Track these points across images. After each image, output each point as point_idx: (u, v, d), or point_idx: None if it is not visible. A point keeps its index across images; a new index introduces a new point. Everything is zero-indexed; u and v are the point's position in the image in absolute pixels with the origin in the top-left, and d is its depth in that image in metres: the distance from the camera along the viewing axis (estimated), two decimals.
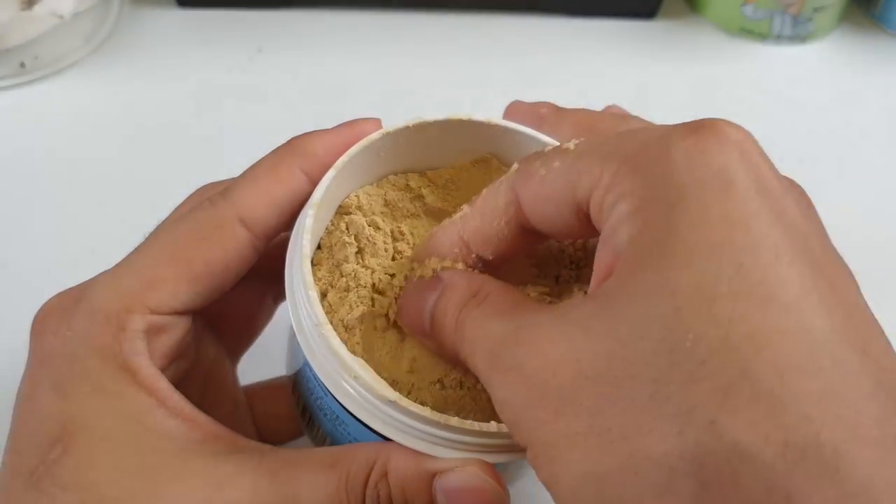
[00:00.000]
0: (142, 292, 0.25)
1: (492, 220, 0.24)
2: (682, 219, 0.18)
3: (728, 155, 0.19)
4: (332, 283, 0.26)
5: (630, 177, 0.20)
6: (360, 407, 0.23)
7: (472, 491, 0.23)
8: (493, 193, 0.24)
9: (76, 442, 0.23)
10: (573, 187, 0.21)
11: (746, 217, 0.18)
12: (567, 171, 0.22)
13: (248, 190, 0.26)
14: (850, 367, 0.17)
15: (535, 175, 0.22)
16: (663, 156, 0.19)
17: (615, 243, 0.20)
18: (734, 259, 0.18)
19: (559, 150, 0.22)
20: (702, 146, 0.19)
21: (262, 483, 0.23)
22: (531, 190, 0.23)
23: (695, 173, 0.19)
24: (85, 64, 0.53)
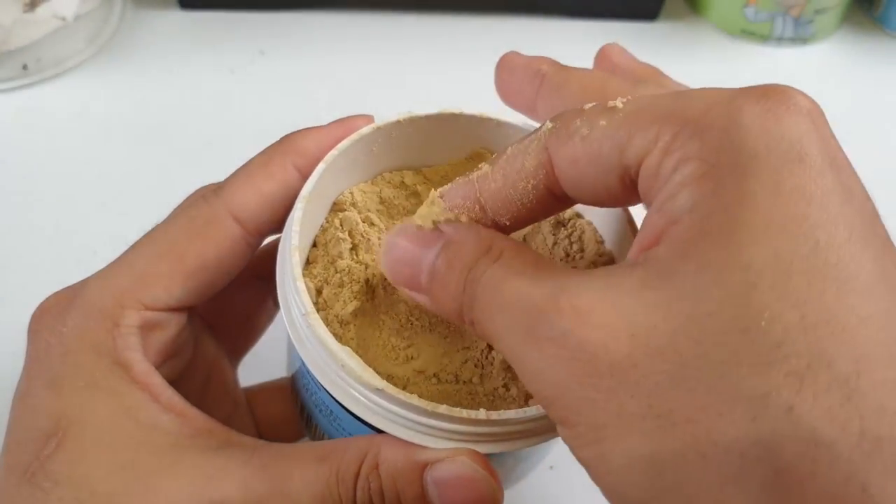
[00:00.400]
0: (135, 288, 0.25)
1: (516, 183, 0.22)
2: (755, 189, 0.17)
3: (800, 125, 0.18)
4: (327, 280, 0.26)
5: (694, 140, 0.18)
6: (349, 397, 0.23)
7: (461, 480, 0.22)
8: (520, 153, 0.22)
9: (70, 437, 0.23)
10: (622, 149, 0.20)
11: (821, 192, 0.17)
12: (615, 131, 0.20)
13: (240, 186, 0.27)
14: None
15: (574, 135, 0.21)
16: (732, 120, 0.18)
17: (673, 208, 0.18)
18: (810, 236, 0.17)
19: (603, 108, 0.21)
20: (774, 113, 0.18)
21: (253, 477, 0.23)
22: (569, 151, 0.21)
23: (768, 141, 0.18)
24: (87, 66, 0.53)
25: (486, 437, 0.23)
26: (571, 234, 0.28)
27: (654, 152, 0.19)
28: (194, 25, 0.56)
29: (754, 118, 0.18)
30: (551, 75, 0.26)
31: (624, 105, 0.20)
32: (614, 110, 0.20)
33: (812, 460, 0.16)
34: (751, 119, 0.18)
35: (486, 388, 0.25)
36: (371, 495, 0.23)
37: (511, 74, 0.27)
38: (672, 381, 0.17)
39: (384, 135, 0.28)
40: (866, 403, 0.16)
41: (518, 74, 0.26)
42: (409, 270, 0.22)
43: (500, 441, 0.23)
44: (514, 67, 0.27)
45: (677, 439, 0.17)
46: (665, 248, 0.18)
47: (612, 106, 0.20)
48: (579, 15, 0.58)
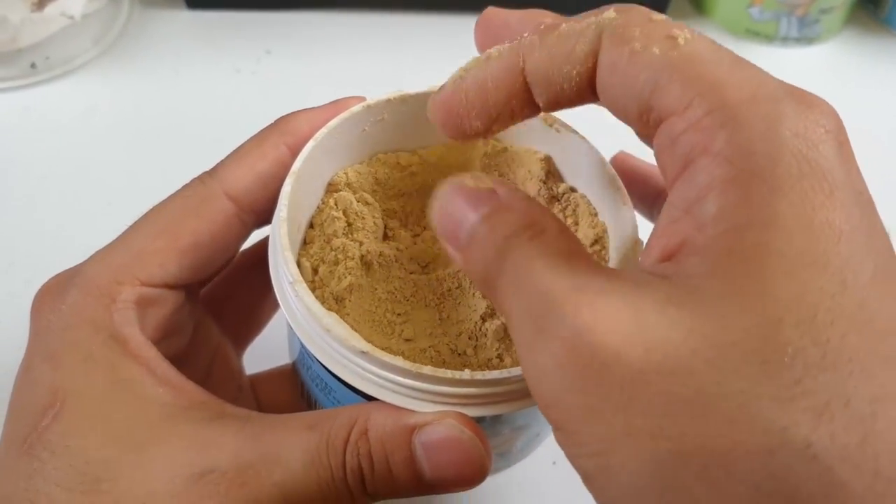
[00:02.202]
0: (132, 265, 0.26)
1: (563, 65, 0.21)
2: (787, 215, 0.17)
3: (831, 151, 0.18)
4: (323, 258, 0.27)
5: (725, 130, 0.18)
6: (337, 363, 0.24)
7: (448, 442, 0.23)
8: (574, 35, 0.21)
9: (67, 409, 0.23)
10: (655, 88, 0.19)
11: (849, 229, 0.17)
12: (661, 67, 0.19)
13: (234, 166, 0.27)
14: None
15: (628, 44, 0.20)
16: (770, 127, 0.18)
17: (699, 213, 0.18)
18: (837, 276, 0.17)
19: (667, 33, 0.19)
20: (812, 134, 0.18)
21: (245, 445, 0.23)
22: (615, 57, 0.20)
23: (801, 165, 0.17)
24: (95, 64, 0.53)
25: (474, 399, 0.23)
26: (566, 207, 0.28)
27: (681, 117, 0.19)
28: (201, 25, 0.57)
29: (792, 134, 0.18)
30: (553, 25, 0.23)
31: (685, 42, 0.19)
32: (674, 43, 0.19)
33: (825, 497, 0.16)
34: (789, 133, 0.18)
35: (480, 359, 0.25)
36: (360, 460, 0.23)
37: (502, 30, 0.24)
38: (686, 405, 0.16)
39: (375, 114, 0.28)
40: (881, 444, 0.16)
41: (513, 29, 0.24)
42: (453, 225, 0.21)
43: (488, 404, 0.23)
44: (507, 22, 0.24)
45: (688, 464, 0.16)
46: (694, 262, 0.18)
47: (674, 35, 0.19)
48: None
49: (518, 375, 0.23)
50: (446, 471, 0.23)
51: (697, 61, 0.19)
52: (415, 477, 0.23)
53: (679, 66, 0.19)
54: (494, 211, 0.21)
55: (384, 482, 0.23)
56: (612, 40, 0.20)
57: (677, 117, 0.19)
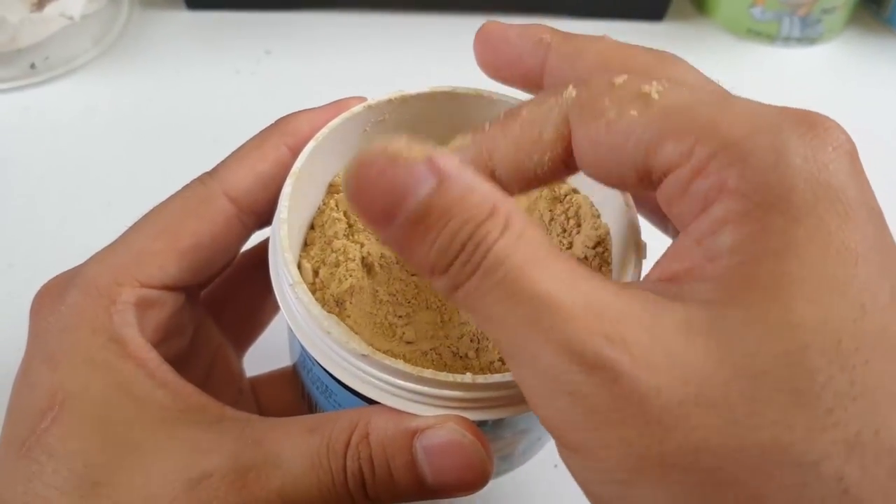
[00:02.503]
0: (131, 266, 0.25)
1: (531, 153, 0.20)
2: (803, 240, 0.17)
3: (842, 171, 0.18)
4: (324, 260, 0.26)
5: (734, 168, 0.18)
6: (338, 366, 0.23)
7: (450, 446, 0.22)
8: (538, 122, 0.20)
9: (65, 411, 0.23)
10: (649, 150, 0.19)
11: (865, 250, 0.17)
12: (646, 128, 0.19)
13: (234, 167, 0.27)
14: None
15: (601, 117, 0.19)
16: (779, 157, 0.18)
17: (714, 245, 0.18)
18: (857, 300, 0.17)
19: (637, 92, 0.19)
20: (820, 155, 0.18)
21: (244, 449, 0.23)
22: (592, 133, 0.19)
23: (814, 188, 0.17)
24: (94, 65, 0.53)
25: (475, 403, 0.23)
26: (568, 209, 0.28)
27: (685, 167, 0.18)
28: (201, 25, 0.57)
29: (802, 160, 0.18)
30: (558, 44, 0.23)
31: (660, 96, 0.19)
32: (648, 100, 0.19)
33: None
34: (798, 160, 0.18)
35: (482, 362, 0.25)
36: (361, 464, 0.23)
37: (501, 44, 0.24)
38: (722, 437, 0.16)
39: (376, 114, 0.28)
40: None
41: (513, 44, 0.24)
42: (383, 202, 0.19)
43: (489, 408, 0.23)
44: (507, 37, 0.24)
45: (723, 497, 0.16)
46: (707, 288, 0.18)
47: (645, 92, 0.19)
48: (585, 15, 0.58)
49: None
50: (448, 475, 0.23)
51: (682, 111, 0.19)
52: (416, 481, 0.23)
53: (664, 121, 0.19)
54: (441, 189, 0.18)
55: (385, 486, 0.23)
56: (582, 116, 0.20)
57: (682, 168, 0.18)
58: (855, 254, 0.17)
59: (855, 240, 0.17)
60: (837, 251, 0.17)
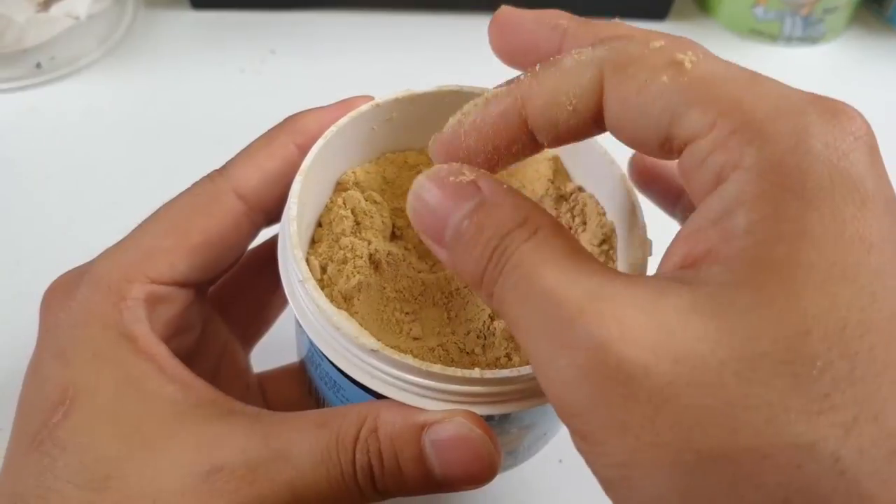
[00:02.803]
0: (142, 263, 0.26)
1: (565, 105, 0.21)
2: (817, 226, 0.17)
3: (863, 160, 0.18)
4: (331, 257, 0.27)
5: (753, 146, 0.18)
6: (347, 362, 0.24)
7: (458, 440, 0.23)
8: (574, 74, 0.20)
9: (77, 405, 0.24)
10: (673, 116, 0.19)
11: (880, 240, 0.17)
12: (675, 94, 0.19)
13: (243, 165, 0.27)
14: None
15: (633, 78, 0.19)
16: (800, 140, 0.18)
17: (729, 225, 0.18)
18: (867, 288, 0.17)
19: (670, 59, 0.19)
20: (841, 143, 0.18)
21: (253, 442, 0.23)
22: (623, 92, 0.20)
23: (832, 175, 0.17)
24: (100, 64, 0.54)
25: (483, 397, 0.23)
26: (574, 207, 0.28)
27: (706, 138, 0.18)
28: (206, 25, 0.57)
29: (822, 145, 0.18)
30: (574, 29, 0.23)
31: (692, 66, 0.19)
32: (681, 68, 0.19)
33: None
34: (819, 145, 0.18)
35: (489, 358, 0.26)
36: (370, 458, 0.23)
37: (517, 30, 0.24)
38: (714, 418, 0.16)
39: (384, 112, 0.28)
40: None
41: (528, 29, 0.24)
42: (434, 221, 0.21)
43: (497, 403, 0.23)
44: (522, 22, 0.24)
45: (717, 478, 0.16)
46: (720, 271, 0.18)
47: (679, 60, 0.19)
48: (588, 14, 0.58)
49: (527, 374, 0.23)
50: (456, 469, 0.23)
51: (711, 83, 0.19)
52: (424, 475, 0.23)
53: (693, 90, 0.19)
54: (480, 206, 0.20)
55: (394, 480, 0.23)
56: (616, 75, 0.20)
57: (702, 139, 0.19)
58: (869, 243, 0.17)
59: (870, 229, 0.17)
60: (851, 239, 0.17)
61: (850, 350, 0.16)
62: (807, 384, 0.16)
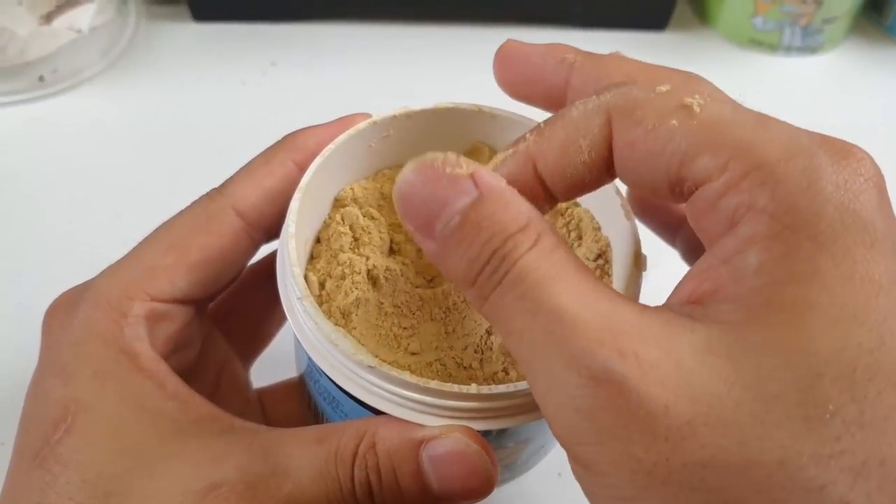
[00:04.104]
0: (142, 280, 0.26)
1: (576, 157, 0.21)
2: (828, 268, 0.17)
3: (872, 202, 0.18)
4: (330, 273, 0.27)
5: (766, 189, 0.18)
6: (345, 378, 0.24)
7: (455, 455, 0.23)
8: (582, 124, 0.21)
9: (78, 423, 0.24)
10: (683, 160, 0.19)
11: (888, 282, 0.17)
12: (684, 138, 0.19)
13: (242, 183, 0.28)
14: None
15: (641, 124, 0.19)
16: (812, 182, 0.18)
17: (741, 265, 0.18)
18: (876, 331, 0.17)
19: (678, 103, 0.19)
20: (852, 185, 0.18)
21: (253, 459, 0.23)
22: (632, 137, 0.20)
23: (844, 217, 0.18)
24: (102, 77, 0.54)
25: (480, 413, 0.23)
26: (569, 222, 0.28)
27: (717, 181, 0.19)
28: (207, 37, 0.57)
29: (834, 187, 0.18)
30: (581, 63, 0.23)
31: (701, 109, 0.19)
32: (690, 112, 0.19)
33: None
34: (830, 186, 0.18)
35: (486, 373, 0.26)
36: (369, 473, 0.23)
37: (523, 64, 0.24)
38: (728, 457, 0.16)
39: (381, 130, 0.28)
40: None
41: (535, 63, 0.24)
42: (426, 211, 0.20)
43: (494, 418, 0.23)
44: (528, 56, 0.24)
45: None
46: (731, 309, 0.18)
47: (687, 104, 0.19)
48: (588, 25, 0.59)
49: (524, 390, 0.23)
50: (453, 484, 0.23)
51: (721, 126, 0.19)
52: (422, 490, 0.23)
53: (703, 133, 0.19)
54: (481, 202, 0.19)
55: (392, 495, 0.23)
56: (624, 120, 0.20)
57: (714, 182, 0.19)
58: (878, 285, 0.17)
59: (879, 271, 0.17)
60: (861, 281, 0.17)
61: (859, 394, 0.17)
62: (819, 427, 0.16)
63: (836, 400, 0.16)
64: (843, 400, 0.16)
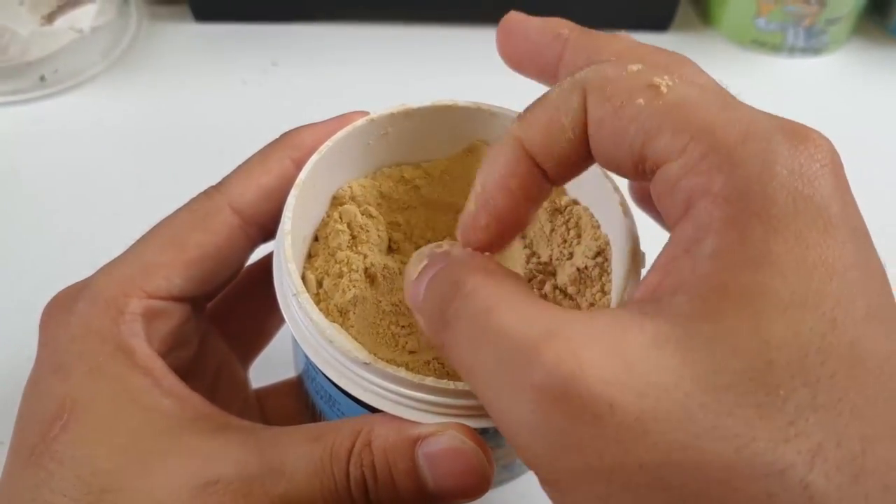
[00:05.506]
0: (139, 278, 0.26)
1: (559, 135, 0.21)
2: (780, 253, 0.17)
3: (827, 186, 0.18)
4: (328, 271, 0.27)
5: (722, 172, 0.18)
6: (341, 375, 0.24)
7: (450, 452, 0.23)
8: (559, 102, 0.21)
9: (74, 419, 0.24)
10: (646, 138, 0.19)
11: (842, 266, 0.17)
12: (649, 117, 0.19)
13: (239, 180, 0.28)
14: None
15: (609, 101, 0.20)
16: (766, 166, 0.18)
17: (696, 252, 0.18)
18: (829, 315, 0.17)
19: (647, 82, 0.19)
20: (806, 170, 0.18)
21: (249, 456, 0.23)
22: (601, 114, 0.20)
23: (797, 201, 0.17)
24: (103, 77, 0.54)
25: (476, 410, 0.23)
26: (568, 220, 0.28)
27: (675, 163, 0.19)
28: (208, 38, 0.57)
29: (788, 172, 0.18)
30: (575, 39, 0.23)
31: (668, 90, 0.19)
32: (657, 92, 0.19)
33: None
34: (784, 171, 0.18)
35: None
36: (364, 471, 0.23)
37: (522, 37, 0.24)
38: (684, 452, 0.16)
39: (379, 128, 0.28)
40: (872, 483, 0.16)
41: (532, 37, 0.24)
42: (413, 288, 0.22)
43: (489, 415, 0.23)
44: (527, 30, 0.24)
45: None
46: (682, 300, 0.18)
47: (655, 84, 0.19)
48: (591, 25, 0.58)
49: None
50: (449, 481, 0.23)
51: (685, 106, 0.19)
52: (418, 487, 0.23)
53: (667, 113, 0.19)
54: (441, 269, 0.21)
55: (388, 493, 0.23)
56: (595, 97, 0.20)
57: (673, 163, 0.19)
58: (832, 269, 0.17)
59: (833, 255, 0.17)
60: (814, 265, 0.17)
61: (811, 377, 0.16)
62: (772, 413, 0.16)
63: (787, 385, 0.16)
64: (795, 384, 0.16)
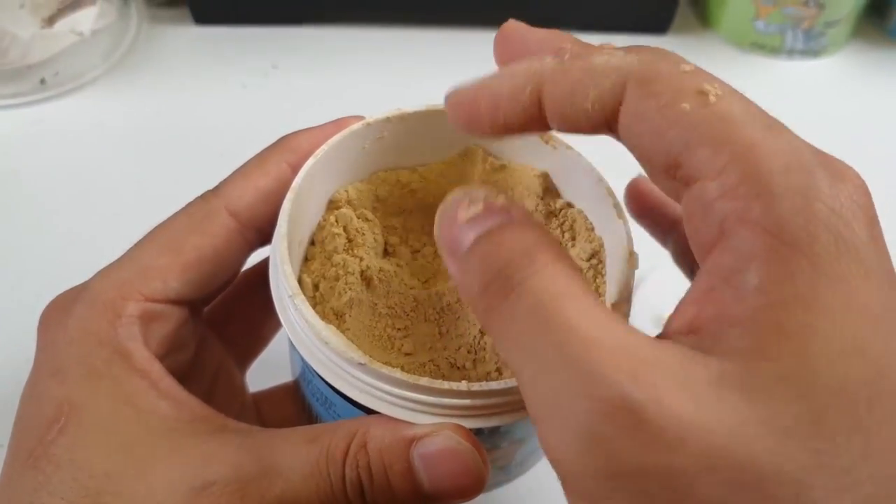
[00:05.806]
0: (136, 281, 0.26)
1: (582, 103, 0.20)
2: (828, 297, 0.17)
3: (865, 231, 0.18)
4: (324, 275, 0.27)
5: (760, 202, 0.18)
6: (336, 376, 0.24)
7: (446, 453, 0.23)
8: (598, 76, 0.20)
9: (72, 422, 0.24)
10: (686, 146, 0.19)
11: (883, 312, 0.17)
12: (693, 125, 0.18)
13: (236, 184, 0.28)
14: None
15: (656, 97, 0.19)
16: (807, 203, 0.17)
17: (741, 284, 0.18)
18: (874, 362, 0.17)
19: (697, 88, 0.19)
20: (846, 211, 0.18)
21: (245, 458, 0.23)
22: (643, 108, 0.19)
23: (839, 244, 0.17)
24: (103, 80, 0.54)
25: (471, 411, 0.23)
26: (563, 223, 0.28)
27: (712, 183, 0.18)
28: (208, 40, 0.57)
29: (828, 210, 0.18)
30: (577, 53, 0.23)
31: (716, 100, 0.19)
32: (705, 100, 0.19)
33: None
34: (825, 209, 0.17)
35: (479, 373, 0.26)
36: (360, 472, 0.23)
37: (522, 47, 0.24)
38: (747, 493, 0.16)
39: (375, 131, 0.28)
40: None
41: (532, 48, 0.23)
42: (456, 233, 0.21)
43: (485, 416, 0.23)
44: (526, 40, 0.24)
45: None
46: (737, 335, 0.17)
47: (704, 91, 0.19)
48: (590, 28, 0.58)
49: (515, 387, 0.23)
50: (444, 482, 0.23)
51: (730, 121, 0.18)
52: (413, 488, 0.23)
53: (711, 125, 0.18)
54: (505, 225, 0.20)
55: (383, 494, 0.23)
56: (639, 89, 0.20)
57: (710, 181, 0.18)
58: (875, 316, 0.17)
59: (874, 301, 0.17)
60: (859, 310, 0.17)
61: (863, 425, 0.17)
62: (830, 460, 0.16)
63: (844, 433, 0.16)
64: (849, 432, 0.16)
